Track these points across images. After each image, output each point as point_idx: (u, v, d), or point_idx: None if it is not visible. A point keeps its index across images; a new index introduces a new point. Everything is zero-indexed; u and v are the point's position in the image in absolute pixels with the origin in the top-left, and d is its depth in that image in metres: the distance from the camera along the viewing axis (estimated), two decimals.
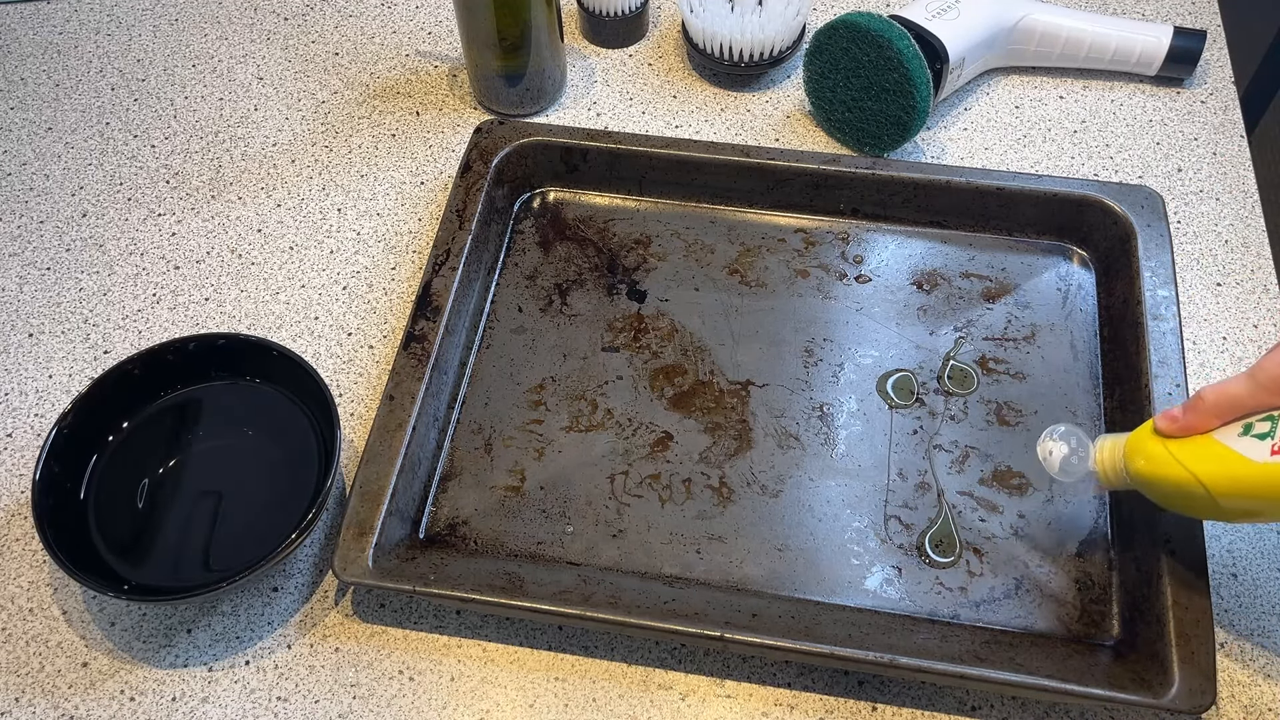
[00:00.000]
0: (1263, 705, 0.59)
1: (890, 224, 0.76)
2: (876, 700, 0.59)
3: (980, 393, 0.69)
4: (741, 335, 0.72)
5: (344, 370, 0.72)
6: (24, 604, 0.63)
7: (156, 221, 0.80)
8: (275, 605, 0.63)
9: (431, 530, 0.65)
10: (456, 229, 0.72)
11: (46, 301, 0.76)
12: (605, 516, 0.65)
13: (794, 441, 0.67)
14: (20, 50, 0.91)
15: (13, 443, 0.70)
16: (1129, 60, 0.84)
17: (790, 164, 0.75)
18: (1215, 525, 0.64)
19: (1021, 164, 0.81)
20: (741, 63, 0.84)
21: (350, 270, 0.77)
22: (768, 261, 0.75)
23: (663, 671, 0.61)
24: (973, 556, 0.63)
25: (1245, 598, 0.62)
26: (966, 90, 0.85)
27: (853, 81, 0.78)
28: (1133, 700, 0.55)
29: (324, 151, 0.84)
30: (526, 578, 0.61)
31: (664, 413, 0.69)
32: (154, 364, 0.66)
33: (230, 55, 0.90)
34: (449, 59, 0.89)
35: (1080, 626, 0.60)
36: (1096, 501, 0.65)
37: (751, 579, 0.62)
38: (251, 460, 0.66)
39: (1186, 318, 0.73)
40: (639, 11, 0.88)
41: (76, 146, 0.84)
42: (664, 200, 0.78)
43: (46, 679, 0.61)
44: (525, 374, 0.71)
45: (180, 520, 0.64)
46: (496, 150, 0.76)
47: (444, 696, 0.60)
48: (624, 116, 0.85)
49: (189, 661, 0.61)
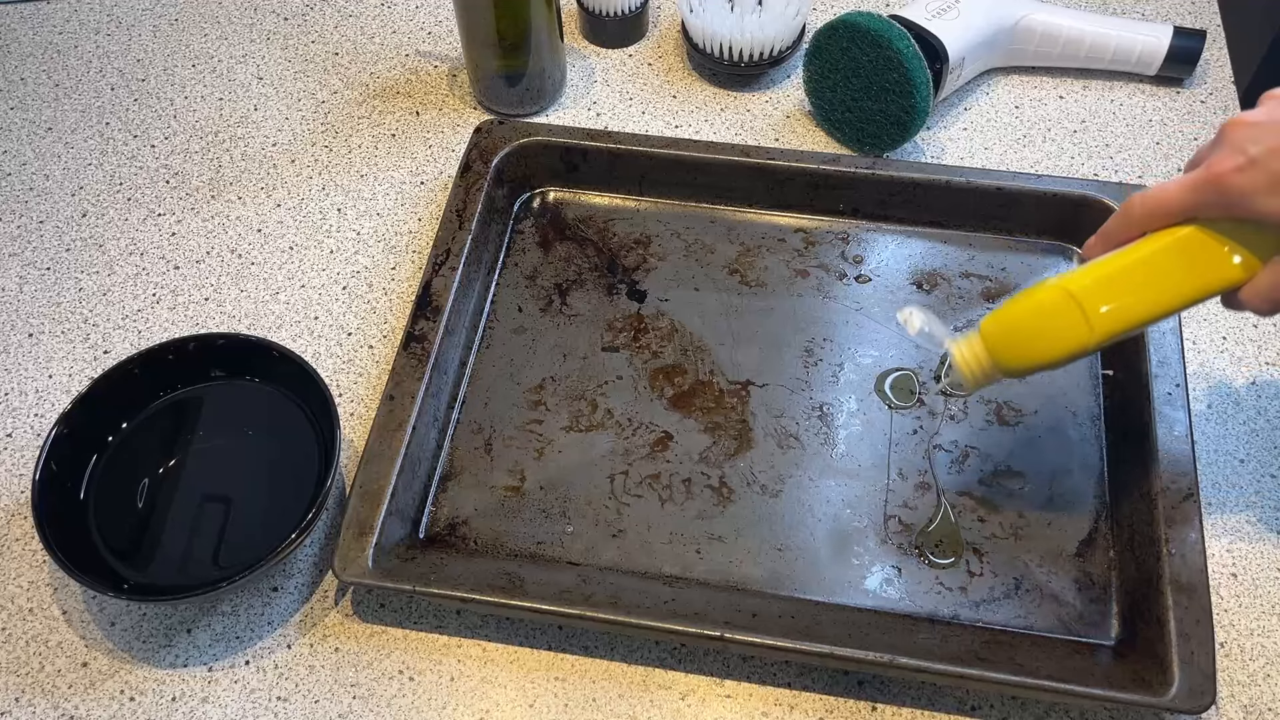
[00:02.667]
0: (1263, 705, 0.59)
1: (890, 224, 0.76)
2: (876, 700, 0.59)
3: (980, 393, 0.69)
4: (741, 335, 0.72)
5: (344, 370, 0.72)
6: (24, 604, 0.63)
7: (156, 221, 0.80)
8: (275, 605, 0.63)
9: (431, 530, 0.65)
10: (456, 229, 0.72)
11: (46, 301, 0.76)
12: (605, 516, 0.65)
13: (794, 441, 0.67)
14: (20, 50, 0.91)
15: (13, 443, 0.70)
16: (1129, 60, 0.84)
17: (790, 164, 0.75)
18: (1215, 525, 0.64)
19: (1021, 164, 0.81)
20: (741, 63, 0.84)
21: (350, 270, 0.77)
22: (768, 261, 0.75)
23: (663, 671, 0.61)
24: (973, 556, 0.63)
25: (1245, 598, 0.62)
26: (966, 90, 0.85)
27: (853, 81, 0.78)
28: (1133, 700, 0.55)
29: (324, 151, 0.84)
30: (526, 578, 0.61)
31: (664, 413, 0.69)
32: (154, 364, 0.66)
33: (230, 55, 0.90)
34: (449, 59, 0.89)
35: (1080, 626, 0.60)
36: (1096, 501, 0.65)
37: (751, 579, 0.62)
38: (251, 460, 0.66)
39: (1186, 318, 0.73)
40: (639, 11, 0.88)
41: (76, 146, 0.84)
42: (664, 200, 0.78)
43: (46, 679, 0.61)
44: (525, 374, 0.71)
45: (180, 520, 0.64)
46: (496, 150, 0.76)
47: (444, 696, 0.60)
48: (624, 116, 0.85)
49: (189, 661, 0.61)
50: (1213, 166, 0.49)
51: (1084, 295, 0.51)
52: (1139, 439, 0.64)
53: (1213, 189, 0.49)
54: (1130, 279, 0.52)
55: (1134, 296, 0.51)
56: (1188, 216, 0.51)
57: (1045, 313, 0.52)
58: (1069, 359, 0.53)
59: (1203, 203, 0.50)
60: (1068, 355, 0.53)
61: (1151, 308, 0.52)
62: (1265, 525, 0.65)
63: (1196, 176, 0.50)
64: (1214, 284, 0.51)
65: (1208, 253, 0.50)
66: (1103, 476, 0.65)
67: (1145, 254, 0.52)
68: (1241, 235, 0.50)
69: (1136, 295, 0.51)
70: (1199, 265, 0.51)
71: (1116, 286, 0.52)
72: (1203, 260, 0.51)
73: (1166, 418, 0.63)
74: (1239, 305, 0.52)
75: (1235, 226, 0.50)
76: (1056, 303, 0.52)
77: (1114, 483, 0.65)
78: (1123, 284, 0.52)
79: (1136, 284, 0.51)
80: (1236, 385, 0.70)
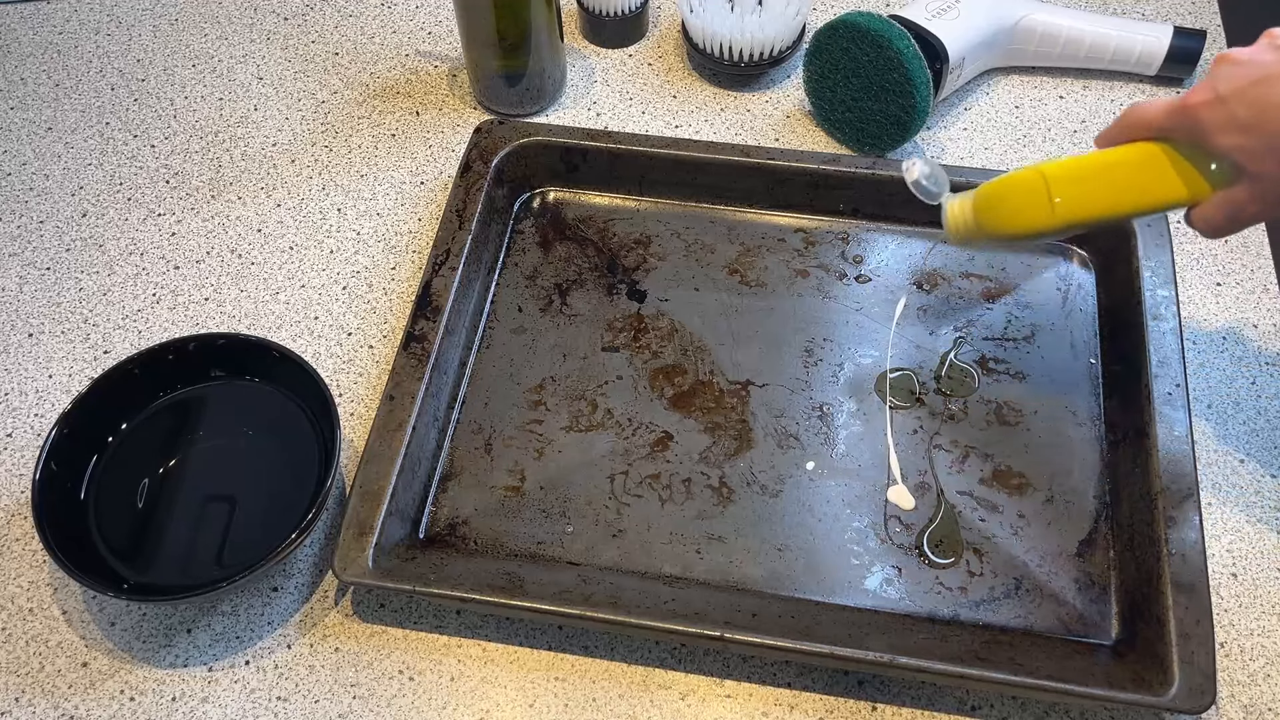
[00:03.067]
0: (1263, 705, 0.59)
1: (890, 224, 0.76)
2: (876, 700, 0.59)
3: (980, 393, 0.69)
4: (741, 335, 0.72)
5: (344, 370, 0.72)
6: (24, 604, 0.63)
7: (156, 221, 0.80)
8: (275, 605, 0.63)
9: (431, 530, 0.65)
10: (456, 229, 0.72)
11: (46, 301, 0.76)
12: (605, 516, 0.65)
13: (794, 441, 0.67)
14: (20, 50, 0.91)
15: (13, 443, 0.70)
16: (1129, 60, 0.84)
17: (790, 164, 0.75)
18: (1215, 525, 0.64)
19: (1021, 164, 0.81)
20: (741, 63, 0.84)
21: (350, 270, 0.77)
22: (768, 261, 0.75)
23: (663, 671, 0.61)
24: (973, 556, 0.63)
25: (1245, 598, 0.62)
26: (966, 90, 0.85)
27: (853, 81, 0.78)
28: (1132, 700, 0.55)
29: (324, 151, 0.84)
30: (526, 578, 0.61)
31: (664, 413, 0.69)
32: (154, 364, 0.66)
33: (230, 55, 0.90)
34: (449, 59, 0.89)
35: (1080, 626, 0.60)
36: (1096, 501, 0.65)
37: (751, 579, 0.62)
38: (251, 460, 0.66)
39: (1186, 317, 0.73)
40: (639, 11, 0.88)
41: (76, 146, 0.84)
42: (664, 200, 0.78)
43: (46, 679, 0.61)
44: (525, 374, 0.71)
45: (180, 520, 0.64)
46: (496, 150, 0.76)
47: (444, 696, 0.60)
48: (624, 116, 0.85)
49: (189, 661, 0.61)
50: (1188, 96, 0.54)
51: (1053, 179, 0.57)
52: (1139, 439, 0.64)
53: (1182, 116, 0.54)
54: (1096, 176, 0.57)
55: (1095, 192, 0.57)
56: (1163, 135, 0.56)
57: (1019, 187, 0.58)
58: (1034, 232, 0.58)
59: (1174, 126, 0.55)
60: (1031, 227, 0.58)
61: (1107, 205, 0.57)
62: (1265, 525, 0.65)
63: (1175, 101, 0.55)
64: (1166, 199, 0.56)
65: (1166, 171, 0.56)
66: (1103, 476, 0.65)
67: (1115, 158, 0.57)
68: (1201, 162, 0.55)
69: (1097, 191, 0.57)
70: (1156, 180, 0.56)
71: (1083, 180, 0.57)
72: (1160, 176, 0.56)
73: (1166, 418, 0.63)
74: (1191, 224, 0.57)
75: (1197, 152, 0.55)
76: (1029, 180, 0.57)
77: (1114, 483, 0.65)
78: (1089, 179, 0.57)
79: (1100, 182, 0.57)
80: (1236, 385, 0.70)
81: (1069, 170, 0.58)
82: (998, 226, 0.60)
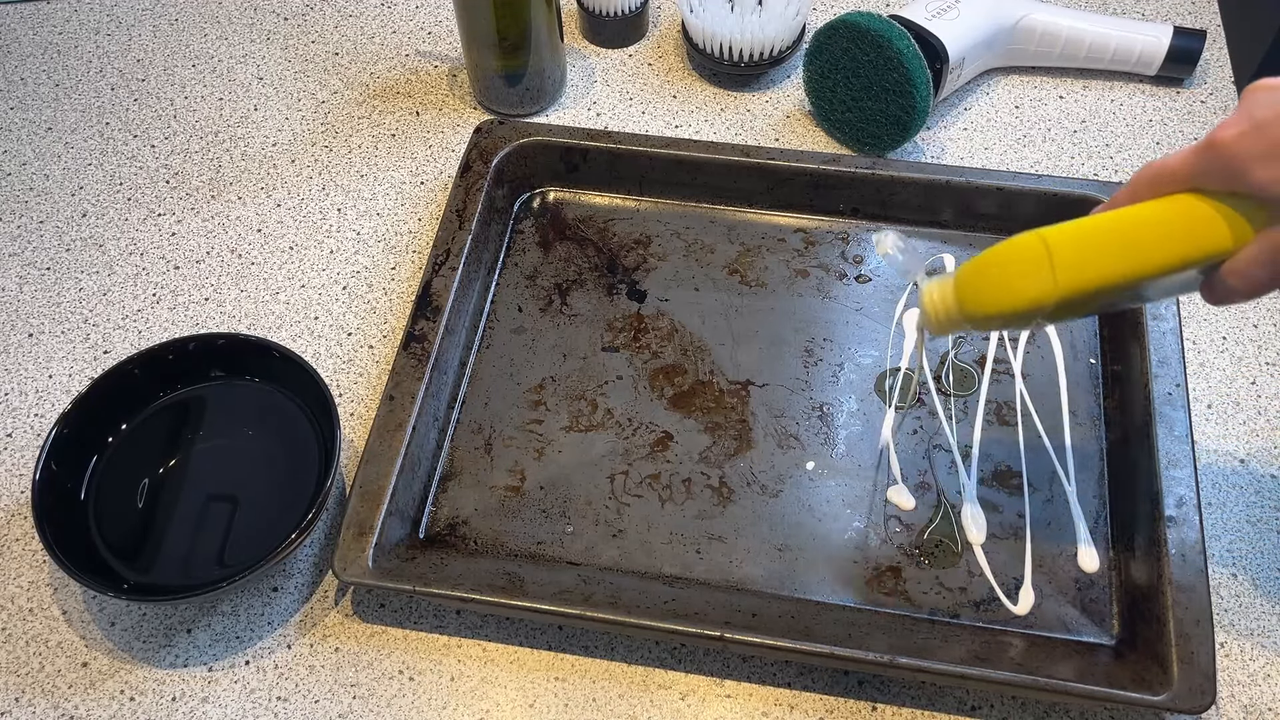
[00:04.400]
0: (1263, 705, 0.59)
1: (890, 224, 0.76)
2: (876, 700, 0.59)
3: (980, 393, 0.69)
4: (741, 335, 0.72)
5: (344, 370, 0.72)
6: (24, 604, 0.63)
7: (156, 221, 0.80)
8: (275, 605, 0.63)
9: (431, 530, 0.65)
10: (456, 229, 0.72)
11: (46, 301, 0.76)
12: (605, 516, 0.65)
13: (794, 441, 0.67)
14: (20, 50, 0.91)
15: (13, 443, 0.70)
16: (1129, 60, 0.84)
17: (790, 164, 0.75)
18: (1215, 525, 0.64)
19: (1021, 164, 0.81)
20: (741, 63, 0.84)
21: (350, 270, 0.77)
22: (768, 261, 0.75)
23: (663, 671, 0.61)
24: (973, 556, 0.63)
25: (1245, 598, 0.62)
26: (966, 90, 0.85)
27: (853, 81, 0.78)
28: (1133, 700, 0.55)
29: (324, 151, 0.84)
30: (526, 578, 0.61)
31: (664, 413, 0.69)
32: (154, 364, 0.66)
33: (230, 55, 0.90)
34: (449, 59, 0.89)
35: (1080, 626, 0.60)
36: (1096, 501, 0.65)
37: (751, 579, 0.62)
38: (251, 460, 0.66)
39: (1186, 318, 0.73)
40: (639, 11, 0.88)
41: (76, 146, 0.84)
42: (664, 200, 0.78)
43: (46, 679, 0.61)
44: (525, 374, 0.71)
45: (180, 520, 0.64)
46: (496, 150, 0.76)
47: (444, 696, 0.60)
48: (624, 116, 0.85)
49: (189, 661, 0.61)
50: (1216, 132, 0.46)
51: (1055, 241, 0.48)
52: (1139, 439, 0.64)
53: (1211, 154, 0.46)
54: (1108, 233, 0.48)
55: (1106, 252, 0.48)
56: (1189, 184, 0.47)
57: (1014, 255, 0.49)
58: (1029, 309, 0.49)
59: (1201, 169, 0.47)
60: (1025, 302, 0.49)
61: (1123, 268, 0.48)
62: (1265, 525, 0.65)
63: (1198, 142, 0.47)
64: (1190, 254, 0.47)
65: (1190, 220, 0.47)
66: (1103, 476, 0.65)
67: (1128, 213, 0.49)
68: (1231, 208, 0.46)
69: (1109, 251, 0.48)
70: (1177, 233, 0.47)
71: (1092, 238, 0.48)
72: (1183, 227, 0.47)
73: (1166, 418, 0.63)
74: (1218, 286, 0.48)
75: (1226, 198, 0.47)
76: (1024, 243, 0.49)
77: (1114, 483, 0.65)
78: (1099, 237, 0.48)
79: (1113, 240, 0.48)
80: (1236, 385, 0.70)
81: (1074, 230, 0.49)
82: (983, 305, 0.50)
